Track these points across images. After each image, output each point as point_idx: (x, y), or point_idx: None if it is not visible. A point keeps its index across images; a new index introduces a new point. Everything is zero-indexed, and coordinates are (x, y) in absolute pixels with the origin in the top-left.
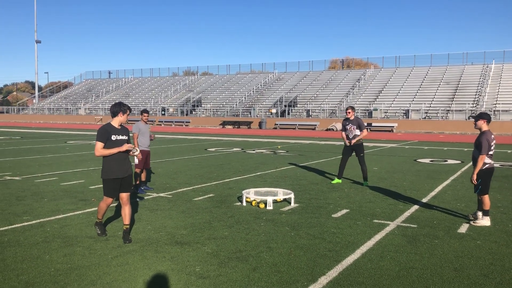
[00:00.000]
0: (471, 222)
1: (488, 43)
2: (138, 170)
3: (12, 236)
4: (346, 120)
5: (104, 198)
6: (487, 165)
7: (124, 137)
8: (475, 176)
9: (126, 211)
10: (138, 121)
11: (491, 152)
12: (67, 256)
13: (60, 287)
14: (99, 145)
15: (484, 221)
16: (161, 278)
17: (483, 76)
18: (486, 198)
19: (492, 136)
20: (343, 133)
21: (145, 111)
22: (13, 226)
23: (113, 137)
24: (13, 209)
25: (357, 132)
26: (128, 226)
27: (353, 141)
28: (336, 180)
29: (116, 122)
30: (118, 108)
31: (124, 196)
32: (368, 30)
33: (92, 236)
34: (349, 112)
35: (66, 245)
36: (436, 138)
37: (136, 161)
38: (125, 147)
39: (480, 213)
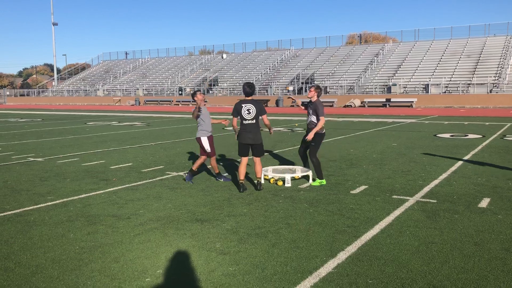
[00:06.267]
0: None
1: (511, 13)
2: (204, 158)
3: (38, 216)
4: (310, 102)
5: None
6: None
7: None
8: None
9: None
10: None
11: None
12: (90, 234)
13: (85, 264)
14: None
15: None
16: (182, 255)
17: (506, 48)
18: None
19: None
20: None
21: (198, 92)
22: (38, 206)
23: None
24: (38, 189)
25: (313, 118)
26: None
27: (309, 136)
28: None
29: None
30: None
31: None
32: (386, 3)
33: (115, 214)
34: (310, 91)
35: (89, 223)
36: (457, 113)
37: (209, 148)
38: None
39: None
